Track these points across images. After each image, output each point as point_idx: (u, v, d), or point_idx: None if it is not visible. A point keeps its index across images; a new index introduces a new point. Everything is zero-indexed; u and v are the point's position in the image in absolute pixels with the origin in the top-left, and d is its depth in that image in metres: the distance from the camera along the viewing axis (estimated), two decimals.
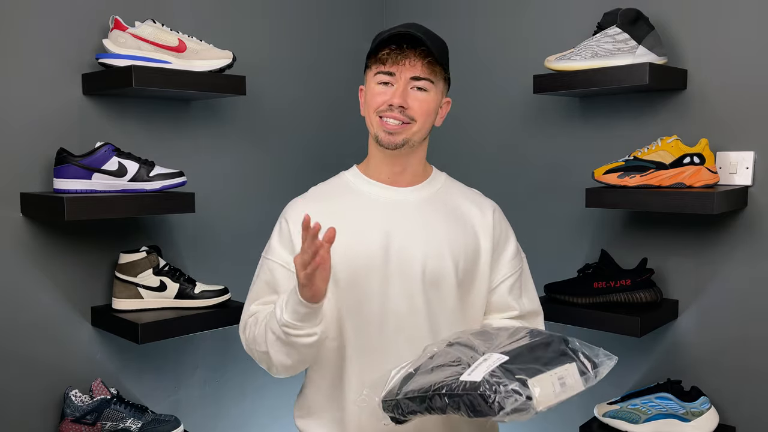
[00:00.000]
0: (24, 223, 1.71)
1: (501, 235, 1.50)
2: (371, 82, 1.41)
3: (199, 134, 2.03)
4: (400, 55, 1.35)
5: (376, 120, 1.40)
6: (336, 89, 2.35)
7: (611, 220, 2.01)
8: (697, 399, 1.74)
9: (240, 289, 1.96)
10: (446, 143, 2.33)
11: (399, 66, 1.36)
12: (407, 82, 1.37)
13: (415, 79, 1.37)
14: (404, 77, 1.36)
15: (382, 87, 1.38)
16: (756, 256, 1.75)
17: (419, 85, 1.37)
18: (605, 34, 1.77)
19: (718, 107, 1.79)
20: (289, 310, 1.27)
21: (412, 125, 1.39)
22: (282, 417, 2.21)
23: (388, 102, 1.37)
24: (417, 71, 1.36)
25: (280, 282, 1.43)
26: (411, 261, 1.40)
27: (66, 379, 1.79)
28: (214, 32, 2.01)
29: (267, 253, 1.47)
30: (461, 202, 1.50)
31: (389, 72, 1.37)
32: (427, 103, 1.39)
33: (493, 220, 1.50)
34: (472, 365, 1.14)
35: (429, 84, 1.38)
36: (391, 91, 1.37)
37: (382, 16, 2.52)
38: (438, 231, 1.44)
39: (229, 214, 2.11)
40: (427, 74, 1.37)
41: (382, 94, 1.38)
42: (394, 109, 1.37)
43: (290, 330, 1.28)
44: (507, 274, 1.49)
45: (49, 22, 1.72)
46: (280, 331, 1.29)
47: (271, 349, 1.34)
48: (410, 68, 1.36)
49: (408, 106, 1.37)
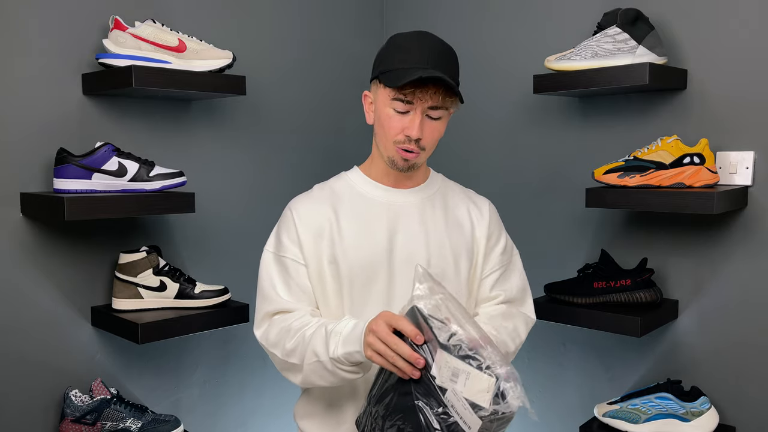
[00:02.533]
0: (24, 223, 1.71)
1: (494, 230, 1.52)
2: (385, 103, 1.38)
3: (199, 134, 2.03)
4: (420, 89, 1.33)
5: (393, 147, 1.39)
6: (336, 89, 2.35)
7: (611, 220, 2.01)
8: (697, 399, 1.74)
9: (240, 289, 1.97)
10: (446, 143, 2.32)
11: (418, 97, 1.34)
12: (423, 111, 1.36)
13: (433, 108, 1.36)
14: (421, 107, 1.35)
15: (399, 114, 1.37)
16: (756, 256, 1.75)
17: (435, 115, 1.37)
18: (605, 34, 1.77)
19: (718, 107, 1.79)
20: (345, 350, 1.26)
21: (423, 153, 1.40)
22: (282, 416, 2.21)
23: (406, 133, 1.36)
24: (436, 102, 1.35)
25: (297, 279, 1.42)
26: (415, 258, 1.41)
27: (66, 379, 1.79)
28: (214, 32, 2.02)
29: (279, 251, 1.44)
30: (458, 201, 1.52)
31: (409, 101, 1.35)
32: (439, 131, 1.40)
33: (489, 216, 1.52)
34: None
35: (444, 112, 1.38)
36: (408, 119, 1.36)
37: (381, 16, 2.52)
38: (440, 231, 1.45)
39: (229, 214, 2.11)
40: (444, 104, 1.36)
41: (399, 121, 1.36)
42: (411, 140, 1.36)
43: (338, 365, 1.28)
44: (494, 268, 1.51)
45: (50, 22, 1.72)
46: (326, 359, 1.28)
47: (306, 368, 1.33)
48: (429, 99, 1.34)
49: (422, 137, 1.37)
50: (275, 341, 1.38)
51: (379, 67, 1.39)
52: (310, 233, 1.42)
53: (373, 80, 1.42)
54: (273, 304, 1.42)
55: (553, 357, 2.16)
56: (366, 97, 1.46)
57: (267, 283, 1.44)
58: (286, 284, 1.42)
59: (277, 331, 1.38)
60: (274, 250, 1.45)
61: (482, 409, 1.11)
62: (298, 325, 1.36)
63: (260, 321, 1.44)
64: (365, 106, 1.46)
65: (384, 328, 1.19)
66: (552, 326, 2.10)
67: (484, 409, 1.11)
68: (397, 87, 1.32)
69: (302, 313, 1.39)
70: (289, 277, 1.42)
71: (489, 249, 1.51)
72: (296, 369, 1.35)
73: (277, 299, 1.41)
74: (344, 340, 1.27)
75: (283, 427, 2.19)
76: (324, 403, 1.46)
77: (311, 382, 1.35)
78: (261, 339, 1.42)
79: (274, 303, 1.42)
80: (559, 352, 2.14)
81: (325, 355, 1.28)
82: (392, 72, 1.34)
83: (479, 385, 1.11)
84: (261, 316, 1.44)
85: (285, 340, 1.36)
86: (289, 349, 1.35)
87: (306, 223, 1.43)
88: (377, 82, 1.40)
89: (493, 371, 1.11)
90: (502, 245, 1.53)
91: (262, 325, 1.43)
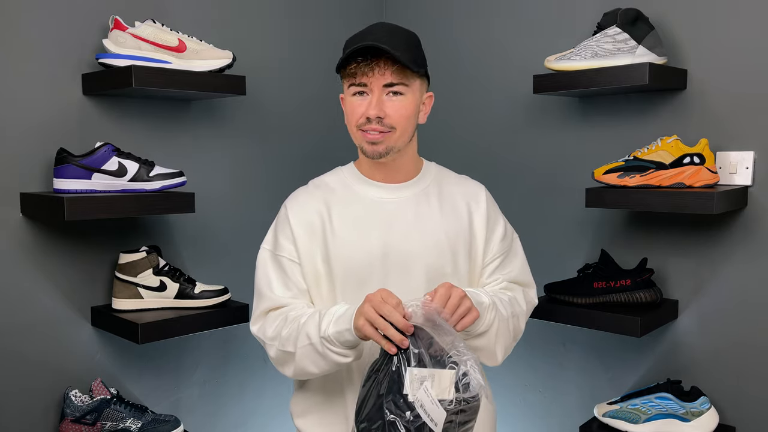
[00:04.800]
0: (24, 223, 1.71)
1: (491, 216, 1.51)
2: (347, 94, 1.40)
3: (199, 134, 2.03)
4: (367, 66, 1.34)
5: (358, 133, 1.40)
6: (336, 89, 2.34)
7: (611, 220, 2.01)
8: (697, 399, 1.74)
9: (240, 289, 1.96)
10: (446, 143, 2.33)
11: (369, 77, 1.35)
12: (381, 91, 1.36)
13: (388, 85, 1.36)
14: (377, 86, 1.35)
15: (358, 98, 1.38)
16: (756, 256, 1.75)
17: (393, 90, 1.36)
18: (605, 34, 1.77)
19: (718, 107, 1.79)
20: (336, 329, 1.27)
21: (392, 133, 1.38)
22: (281, 416, 2.21)
23: (365, 114, 1.36)
24: (388, 78, 1.35)
25: (293, 277, 1.43)
26: (410, 257, 1.41)
27: (66, 379, 1.79)
28: (214, 32, 2.02)
29: (276, 249, 1.45)
30: (453, 189, 1.52)
31: (361, 83, 1.36)
32: (405, 108, 1.38)
33: (486, 203, 1.52)
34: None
35: (403, 87, 1.37)
36: (367, 101, 1.37)
37: (381, 16, 2.52)
38: (435, 224, 1.45)
39: (229, 214, 2.11)
40: (399, 79, 1.35)
41: (359, 106, 1.38)
42: (372, 120, 1.36)
43: (328, 344, 1.28)
44: (495, 255, 1.50)
45: (49, 22, 1.72)
46: (317, 340, 1.29)
47: (299, 352, 1.33)
48: (380, 77, 1.34)
49: (385, 115, 1.36)
50: (273, 334, 1.39)
51: None
52: (304, 231, 1.43)
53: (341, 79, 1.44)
54: (269, 301, 1.42)
55: (553, 357, 2.16)
56: (342, 99, 1.46)
57: (263, 281, 1.45)
58: (283, 282, 1.42)
59: (275, 324, 1.39)
60: (271, 248, 1.46)
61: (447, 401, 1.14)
62: (294, 315, 1.38)
63: (256, 318, 1.45)
64: (343, 108, 1.47)
65: (379, 297, 1.21)
66: (552, 326, 2.10)
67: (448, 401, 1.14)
68: (345, 68, 1.35)
69: (300, 305, 1.40)
70: (285, 276, 1.43)
71: (488, 236, 1.50)
72: (290, 358, 1.36)
73: (274, 297, 1.42)
74: (336, 319, 1.28)
75: (283, 427, 2.19)
76: (319, 400, 1.47)
77: (303, 369, 1.34)
78: (258, 333, 1.43)
79: (270, 300, 1.42)
80: (559, 352, 2.14)
81: (317, 335, 1.29)
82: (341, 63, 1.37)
83: (444, 382, 1.14)
84: (257, 313, 1.45)
85: (282, 329, 1.37)
86: (284, 337, 1.35)
87: (300, 221, 1.44)
88: (342, 81, 1.42)
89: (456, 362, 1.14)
90: (501, 231, 1.52)
91: (258, 322, 1.44)
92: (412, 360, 1.17)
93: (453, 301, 1.23)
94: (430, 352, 1.17)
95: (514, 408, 2.25)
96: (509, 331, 1.42)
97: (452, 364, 1.15)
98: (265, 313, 1.43)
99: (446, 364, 1.15)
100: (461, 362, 1.15)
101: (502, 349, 1.41)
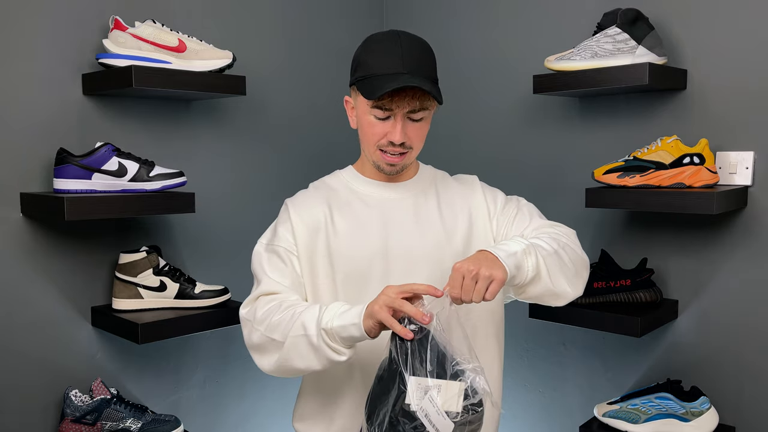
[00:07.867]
0: (24, 223, 1.72)
1: (489, 199, 1.51)
2: (365, 111, 1.38)
3: (199, 134, 2.03)
4: (398, 95, 1.33)
5: (377, 153, 1.40)
6: (336, 89, 2.35)
7: (611, 220, 2.01)
8: (697, 399, 1.74)
9: (240, 290, 1.96)
10: (446, 144, 2.33)
11: (396, 103, 1.34)
12: (404, 116, 1.36)
13: (413, 112, 1.36)
14: (401, 112, 1.35)
15: (379, 120, 1.37)
16: (756, 256, 1.75)
17: (417, 117, 1.37)
18: (605, 34, 1.77)
19: (718, 107, 1.79)
20: (341, 322, 1.24)
21: (410, 152, 1.40)
22: (281, 417, 2.21)
23: (389, 139, 1.37)
24: (414, 105, 1.35)
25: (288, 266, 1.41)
26: (411, 256, 1.41)
27: (66, 379, 1.79)
28: (214, 32, 2.02)
29: (273, 241, 1.44)
30: (450, 184, 1.53)
31: (388, 108, 1.35)
32: (424, 130, 1.41)
33: (481, 186, 1.53)
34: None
35: (425, 113, 1.38)
36: (390, 124, 1.36)
37: (381, 16, 2.52)
38: (435, 222, 1.45)
39: (229, 214, 2.11)
40: (424, 105, 1.36)
41: (381, 127, 1.37)
42: (395, 145, 1.37)
43: (326, 338, 1.25)
44: (509, 217, 1.48)
45: (49, 22, 1.72)
46: (314, 332, 1.25)
47: (289, 341, 1.28)
48: (407, 105, 1.34)
49: (408, 139, 1.37)
50: (262, 317, 1.34)
51: (355, 73, 1.40)
52: (306, 227, 1.42)
53: (352, 86, 1.42)
54: (263, 285, 1.40)
55: (553, 357, 2.16)
56: (347, 102, 1.46)
57: (258, 269, 1.43)
58: (278, 269, 1.41)
59: (267, 308, 1.35)
60: (268, 242, 1.45)
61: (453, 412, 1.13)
62: (289, 303, 1.34)
63: (248, 302, 1.41)
64: (347, 111, 1.47)
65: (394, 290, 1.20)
66: (552, 326, 2.10)
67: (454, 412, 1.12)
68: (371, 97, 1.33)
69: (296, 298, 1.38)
70: (282, 264, 1.41)
71: (491, 210, 1.49)
72: (274, 347, 1.31)
73: (268, 282, 1.39)
74: (341, 313, 1.25)
75: (283, 427, 2.19)
76: (319, 405, 1.46)
77: (286, 361, 1.30)
78: (247, 315, 1.38)
79: (264, 285, 1.40)
80: (559, 352, 2.14)
81: (315, 327, 1.25)
82: (368, 80, 1.35)
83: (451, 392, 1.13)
84: (250, 297, 1.42)
85: (272, 314, 1.33)
86: (274, 323, 1.31)
87: (302, 218, 1.43)
88: (356, 89, 1.40)
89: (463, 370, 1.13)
90: (503, 197, 1.52)
91: (249, 305, 1.40)
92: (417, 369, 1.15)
93: (467, 282, 1.19)
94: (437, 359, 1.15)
95: (514, 408, 2.25)
96: (566, 263, 1.34)
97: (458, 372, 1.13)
98: (258, 297, 1.40)
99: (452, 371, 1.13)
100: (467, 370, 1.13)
101: (567, 282, 1.33)
